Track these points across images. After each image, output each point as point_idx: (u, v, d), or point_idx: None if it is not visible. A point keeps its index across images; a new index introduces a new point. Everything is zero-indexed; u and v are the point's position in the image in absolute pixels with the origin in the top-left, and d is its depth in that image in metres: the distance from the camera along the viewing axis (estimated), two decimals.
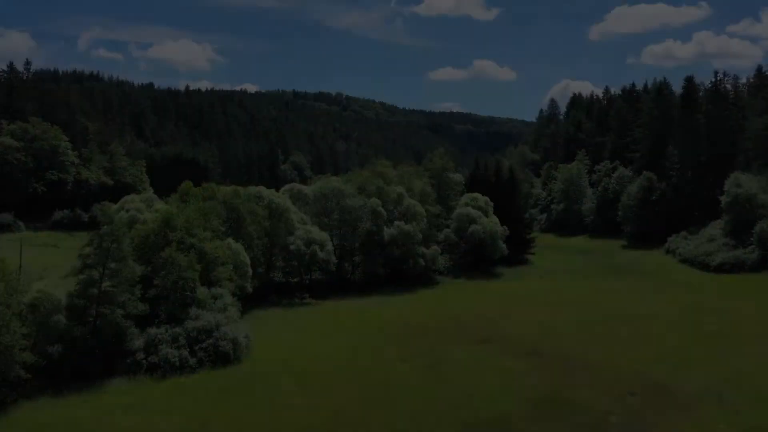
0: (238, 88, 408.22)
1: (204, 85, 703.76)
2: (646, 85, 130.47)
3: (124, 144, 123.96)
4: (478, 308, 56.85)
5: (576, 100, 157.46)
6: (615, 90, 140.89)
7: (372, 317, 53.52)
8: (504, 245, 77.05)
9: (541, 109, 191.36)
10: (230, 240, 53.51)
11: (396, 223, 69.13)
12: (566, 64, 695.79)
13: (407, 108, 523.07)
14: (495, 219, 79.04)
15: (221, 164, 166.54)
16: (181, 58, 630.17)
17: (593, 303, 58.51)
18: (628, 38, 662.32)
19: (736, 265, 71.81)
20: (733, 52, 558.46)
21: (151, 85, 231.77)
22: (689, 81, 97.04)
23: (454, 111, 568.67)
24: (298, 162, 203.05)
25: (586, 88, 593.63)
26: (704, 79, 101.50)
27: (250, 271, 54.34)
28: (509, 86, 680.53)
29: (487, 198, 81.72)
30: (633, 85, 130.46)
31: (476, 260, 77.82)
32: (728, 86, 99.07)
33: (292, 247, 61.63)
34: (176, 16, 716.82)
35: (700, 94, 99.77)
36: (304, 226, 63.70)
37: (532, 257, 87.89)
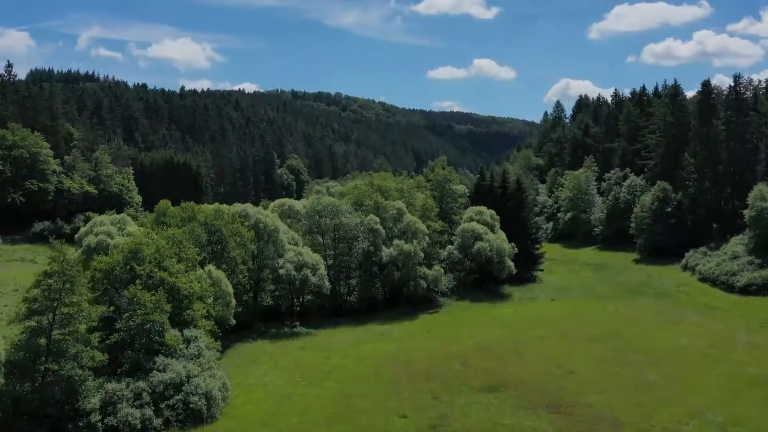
0: (237, 88, 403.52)
1: (203, 84, 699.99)
2: (656, 88, 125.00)
3: (111, 150, 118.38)
4: (486, 341, 51.20)
5: (582, 103, 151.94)
6: (623, 92, 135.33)
7: (368, 354, 47.93)
8: (512, 263, 71.58)
9: (546, 112, 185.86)
10: (211, 267, 48.09)
11: (395, 242, 63.64)
12: (566, 62, 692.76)
13: (407, 108, 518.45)
14: (502, 235, 73.58)
15: (215, 169, 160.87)
16: (181, 57, 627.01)
17: (612, 334, 52.92)
18: (628, 37, 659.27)
19: (763, 287, 66.18)
20: (734, 51, 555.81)
21: (144, 86, 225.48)
22: (706, 85, 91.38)
23: (455, 110, 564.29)
24: (294, 166, 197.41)
25: (586, 87, 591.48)
26: (714, 80, 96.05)
27: (234, 301, 49.00)
28: (509, 85, 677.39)
29: (493, 212, 76.24)
30: (643, 88, 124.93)
31: (482, 279, 72.49)
32: (745, 91, 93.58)
33: (281, 271, 56.14)
34: (176, 15, 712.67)
35: (712, 97, 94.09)
36: (295, 248, 58.17)
37: (540, 273, 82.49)
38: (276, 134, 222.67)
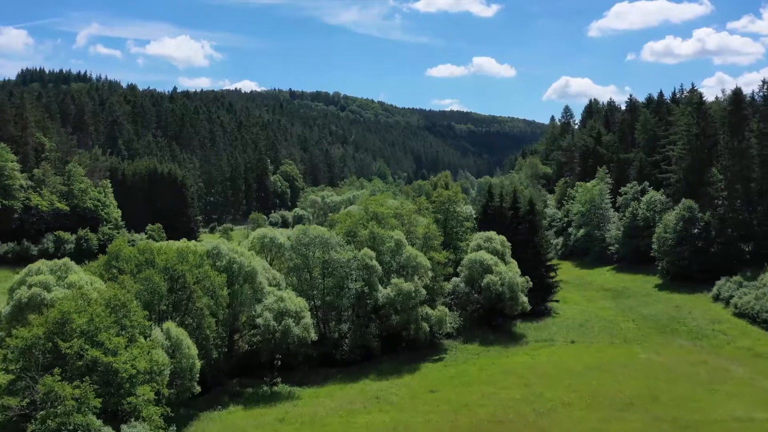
0: (236, 86, 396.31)
1: (202, 82, 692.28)
2: (674, 94, 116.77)
3: (89, 160, 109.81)
4: (501, 409, 42.77)
5: (593, 108, 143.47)
6: (636, 97, 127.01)
7: (361, 431, 39.61)
8: (525, 299, 63.09)
9: (553, 116, 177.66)
10: (170, 325, 39.77)
11: (393, 279, 55.31)
12: (566, 60, 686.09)
13: (406, 107, 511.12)
14: (514, 265, 65.13)
15: (203, 177, 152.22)
16: (180, 55, 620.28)
17: (649, 399, 44.50)
18: (628, 35, 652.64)
19: None
20: (734, 49, 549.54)
21: (134, 88, 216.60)
22: (737, 94, 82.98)
23: (454, 109, 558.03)
24: (289, 172, 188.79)
25: (586, 84, 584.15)
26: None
27: (198, 364, 40.62)
28: (509, 83, 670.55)
29: (503, 238, 67.67)
30: (661, 94, 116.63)
31: (491, 313, 64.15)
32: None
33: (258, 320, 47.79)
34: (174, 12, 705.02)
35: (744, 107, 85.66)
36: (276, 291, 49.71)
37: (555, 304, 74.05)
38: (270, 138, 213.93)
